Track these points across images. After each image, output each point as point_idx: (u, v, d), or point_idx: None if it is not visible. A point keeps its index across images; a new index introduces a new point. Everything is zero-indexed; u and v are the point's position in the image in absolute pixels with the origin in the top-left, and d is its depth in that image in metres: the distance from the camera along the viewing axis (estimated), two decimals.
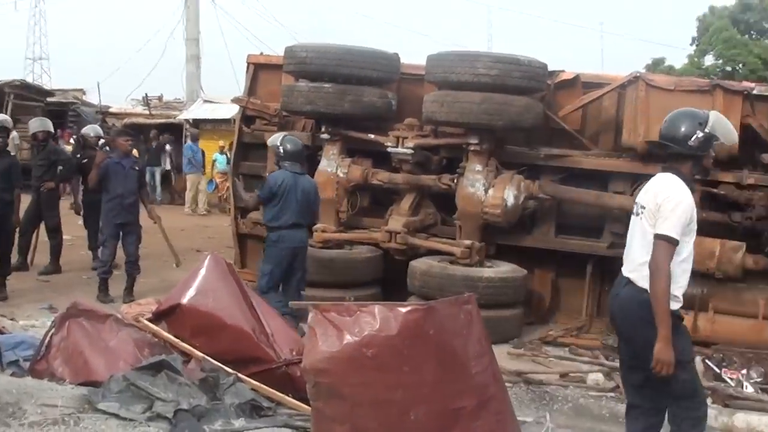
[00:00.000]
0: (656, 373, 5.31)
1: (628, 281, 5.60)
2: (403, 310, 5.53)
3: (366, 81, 10.52)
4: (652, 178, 5.73)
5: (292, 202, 9.13)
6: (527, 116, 9.94)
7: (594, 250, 10.46)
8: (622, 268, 5.73)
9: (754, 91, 9.72)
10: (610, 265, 10.47)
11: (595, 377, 8.45)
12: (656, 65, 48.01)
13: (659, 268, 5.26)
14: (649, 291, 5.33)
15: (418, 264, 10.01)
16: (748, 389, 8.11)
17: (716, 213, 9.90)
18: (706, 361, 8.50)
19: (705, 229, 9.68)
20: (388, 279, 10.84)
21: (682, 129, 5.52)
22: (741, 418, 7.45)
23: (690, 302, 9.38)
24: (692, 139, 5.45)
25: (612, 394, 8.13)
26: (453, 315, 5.74)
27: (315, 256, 10.32)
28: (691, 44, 48.51)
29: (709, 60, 47.05)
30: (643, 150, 9.87)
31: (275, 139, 9.62)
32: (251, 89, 11.84)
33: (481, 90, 9.74)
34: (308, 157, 11.26)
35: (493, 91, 9.74)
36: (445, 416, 5.60)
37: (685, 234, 5.35)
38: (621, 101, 10.45)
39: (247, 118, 11.72)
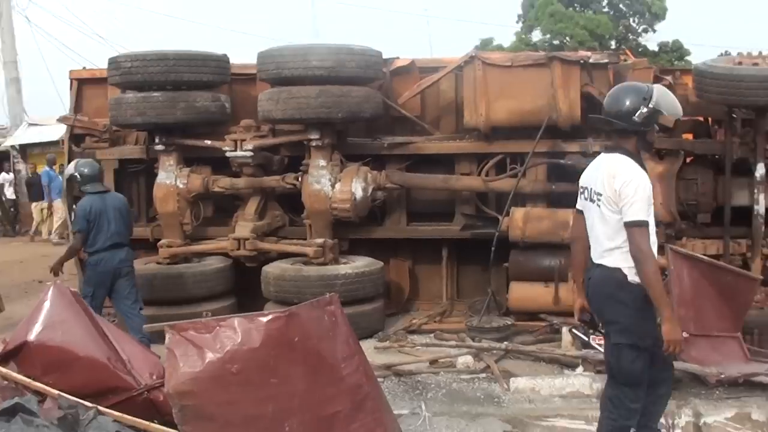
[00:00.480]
0: (668, 353, 5.47)
1: (599, 265, 5.61)
2: (264, 319, 5.33)
3: (197, 86, 10.13)
4: (599, 160, 5.72)
5: (104, 224, 8.78)
6: (366, 106, 9.78)
7: (447, 234, 10.39)
8: (591, 254, 5.72)
9: (591, 60, 9.78)
10: (464, 247, 10.52)
11: (465, 360, 8.37)
12: (485, 45, 48.75)
13: (642, 253, 5.31)
14: (629, 275, 5.42)
15: (271, 269, 9.74)
16: None
17: (566, 183, 9.91)
18: (574, 330, 8.48)
19: (557, 200, 9.82)
20: (241, 288, 10.50)
21: (627, 104, 5.46)
22: None
23: (549, 274, 9.45)
24: (637, 114, 5.42)
25: (483, 375, 8.12)
26: (317, 318, 5.55)
27: (163, 272, 9.98)
28: (518, 22, 49.48)
29: (536, 36, 48.11)
30: (486, 129, 9.82)
31: (69, 169, 9.29)
32: (77, 106, 11.30)
33: (316, 83, 9.54)
34: (145, 171, 10.94)
35: (329, 84, 9.54)
36: (320, 424, 5.42)
37: (649, 212, 5.39)
38: (459, 83, 10.39)
39: (76, 137, 11.18)
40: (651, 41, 50.32)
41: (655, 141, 8.62)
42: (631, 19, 50.70)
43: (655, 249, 5.48)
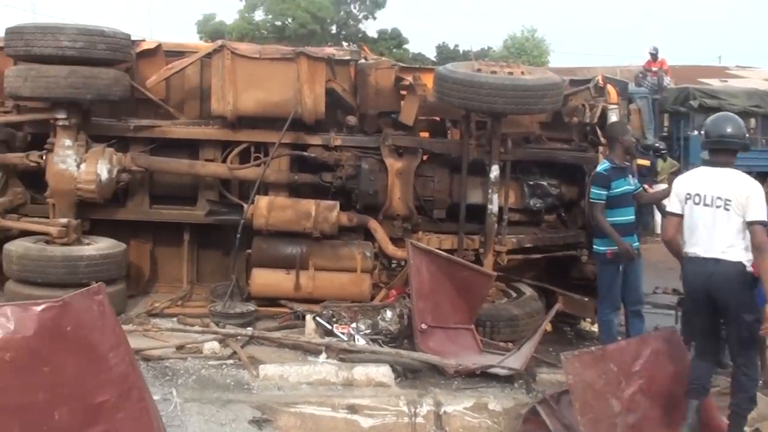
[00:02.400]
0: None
1: (718, 260, 6.79)
2: (38, 308, 5.36)
3: None
4: (719, 173, 6.97)
5: None
6: (115, 89, 9.73)
7: (192, 219, 10.50)
8: (701, 251, 6.91)
9: (335, 57, 10.17)
10: (205, 232, 10.67)
11: (211, 346, 8.52)
12: (207, 21, 48.65)
13: (764, 244, 6.60)
14: (747, 266, 6.73)
15: (14, 247, 9.51)
16: (360, 342, 8.55)
17: (308, 175, 10.29)
18: (317, 318, 8.84)
19: (299, 191, 10.17)
20: None
21: (741, 127, 7.13)
22: (360, 371, 7.92)
23: (291, 262, 9.78)
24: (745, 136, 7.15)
25: (231, 362, 8.29)
26: (87, 308, 5.63)
27: None
28: (241, 0, 49.53)
29: (259, 15, 48.37)
30: (233, 117, 10.04)
31: None
32: None
33: (66, 63, 9.40)
34: None
35: (79, 64, 9.43)
36: (88, 412, 5.54)
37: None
38: (204, 69, 10.52)
39: None
40: (371, 28, 51.75)
41: None
42: (353, 5, 51.92)
43: None
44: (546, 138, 10.77)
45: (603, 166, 9.02)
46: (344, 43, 46.26)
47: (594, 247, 9.16)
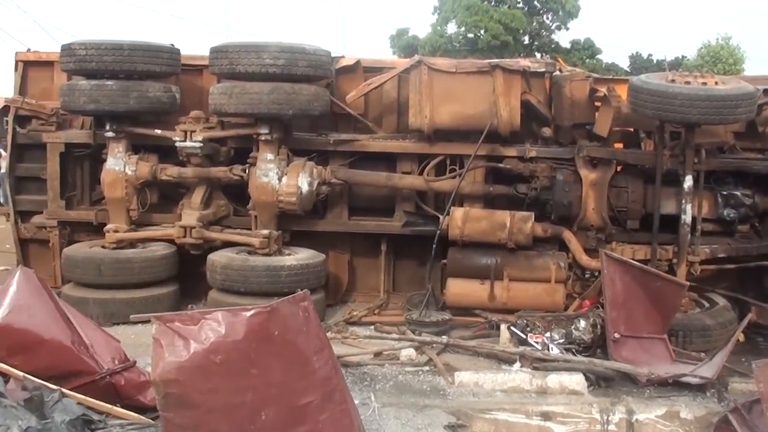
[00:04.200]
0: None
1: None
2: (248, 314, 5.61)
3: (149, 75, 10.34)
4: None
5: None
6: (316, 104, 10.09)
7: (388, 230, 10.76)
8: None
9: (530, 69, 10.25)
10: (402, 243, 10.91)
11: (408, 353, 8.72)
12: (400, 36, 49.28)
13: None
14: None
15: (218, 257, 9.99)
16: (554, 351, 8.59)
17: (503, 186, 10.40)
18: (512, 328, 8.93)
19: (494, 202, 10.28)
20: (183, 275, 10.72)
21: None
22: (554, 379, 7.96)
23: (485, 272, 9.90)
24: None
25: (427, 368, 8.45)
26: (293, 314, 5.86)
27: (111, 257, 10.16)
28: (434, 13, 50.02)
29: (452, 28, 48.69)
30: (430, 131, 10.23)
31: None
32: (22, 88, 11.39)
33: (268, 80, 9.80)
34: (90, 155, 11.08)
35: (281, 81, 9.81)
36: (294, 413, 5.74)
37: None
38: (401, 84, 10.79)
39: (20, 119, 11.26)
40: (563, 38, 51.38)
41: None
42: (545, 16, 51.59)
43: None
44: (740, 148, 10.53)
45: None
46: (537, 54, 46.14)
47: None
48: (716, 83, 9.11)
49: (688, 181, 9.65)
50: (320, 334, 6.11)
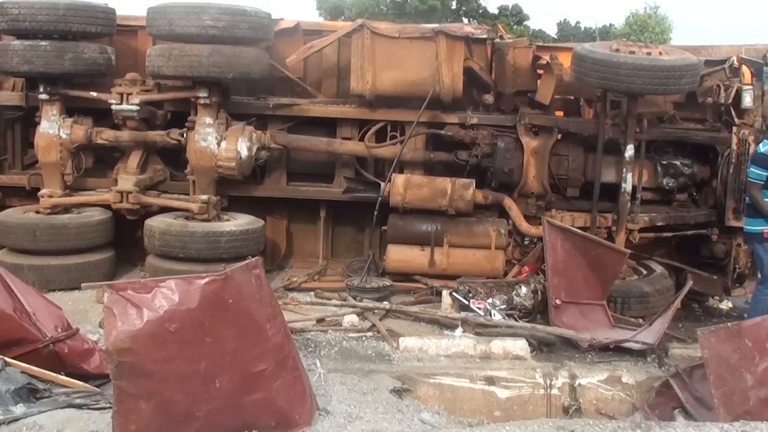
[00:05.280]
0: None
1: None
2: (202, 281, 5.57)
3: (83, 36, 10.09)
4: None
5: None
6: (256, 67, 9.96)
7: (328, 196, 10.72)
8: None
9: (473, 36, 10.24)
10: (340, 209, 10.87)
11: (350, 319, 8.73)
12: None
13: None
14: None
15: (156, 223, 9.82)
16: (496, 317, 8.67)
17: (444, 153, 10.41)
18: (454, 293, 8.98)
19: (435, 168, 10.28)
20: (118, 240, 10.54)
21: None
22: (497, 345, 8.05)
23: (426, 239, 9.91)
24: None
25: (371, 334, 8.49)
26: (246, 281, 5.82)
27: (46, 222, 9.95)
28: None
29: None
30: (372, 96, 10.16)
31: None
32: None
33: (208, 42, 9.63)
34: (23, 118, 10.81)
35: (221, 43, 9.67)
36: (247, 380, 5.73)
37: None
38: (341, 48, 10.71)
39: None
40: (491, 4, 51.56)
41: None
42: None
43: None
44: (679, 118, 10.66)
45: (766, 146, 8.88)
46: (464, 20, 46.22)
47: (748, 227, 9.03)
48: (660, 53, 9.19)
49: (630, 150, 9.75)
50: (272, 302, 6.08)
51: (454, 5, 50.27)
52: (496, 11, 50.50)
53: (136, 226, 10.36)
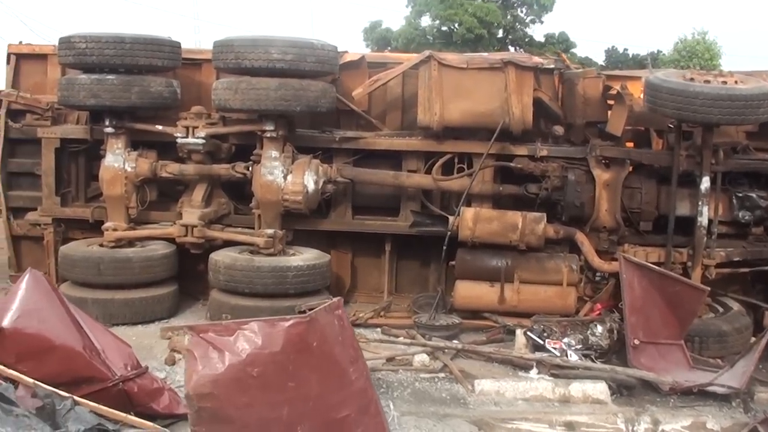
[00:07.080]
0: None
1: None
2: (286, 324, 5.43)
3: (149, 70, 10.05)
4: None
5: None
6: (323, 101, 9.84)
7: (394, 229, 10.54)
8: None
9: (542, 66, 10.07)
10: (405, 243, 10.69)
11: (421, 358, 8.49)
12: (373, 28, 49.15)
13: None
14: None
15: (221, 257, 9.71)
16: (573, 357, 8.41)
17: (513, 186, 10.19)
18: (528, 333, 8.74)
19: (504, 202, 10.08)
20: (181, 274, 10.44)
21: None
22: (577, 388, 7.79)
23: (495, 275, 9.70)
24: None
25: (443, 375, 8.24)
26: (330, 323, 5.66)
27: (110, 256, 9.87)
28: (407, 6, 49.90)
29: (426, 21, 48.58)
30: (439, 128, 9.99)
31: None
32: (14, 82, 11.06)
33: (275, 75, 9.54)
34: (86, 151, 10.78)
35: (288, 77, 9.57)
36: (330, 427, 5.57)
37: None
38: (406, 80, 10.58)
39: (12, 113, 10.93)
40: (538, 32, 51.50)
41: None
42: (519, 9, 51.72)
43: None
44: (752, 148, 10.39)
45: None
46: (510, 48, 46.17)
47: None
48: (736, 82, 8.94)
49: (705, 183, 9.47)
50: (354, 344, 5.93)
51: (500, 34, 50.25)
52: (542, 39, 50.37)
53: (200, 259, 10.28)
